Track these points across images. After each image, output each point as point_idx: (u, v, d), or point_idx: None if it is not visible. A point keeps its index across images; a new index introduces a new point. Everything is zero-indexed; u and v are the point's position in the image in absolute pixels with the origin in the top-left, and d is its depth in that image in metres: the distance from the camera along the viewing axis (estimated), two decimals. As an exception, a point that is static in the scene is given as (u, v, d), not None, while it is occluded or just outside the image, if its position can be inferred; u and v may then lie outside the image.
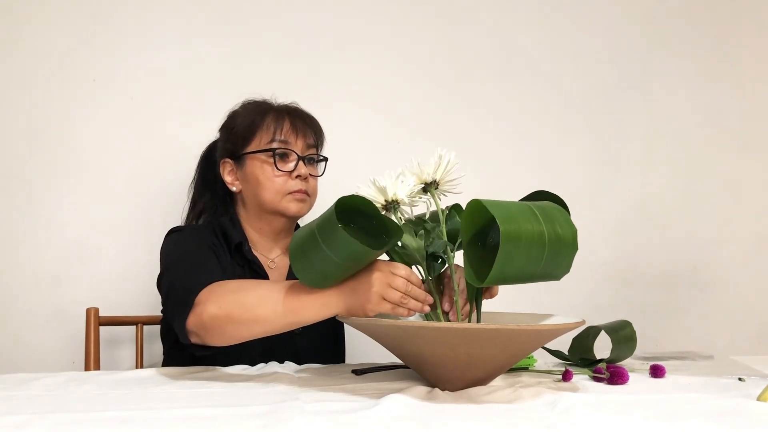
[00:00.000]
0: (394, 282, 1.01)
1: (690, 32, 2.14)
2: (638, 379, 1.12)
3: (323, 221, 0.97)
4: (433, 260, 1.07)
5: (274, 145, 1.35)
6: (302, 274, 1.02)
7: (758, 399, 0.92)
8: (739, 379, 1.12)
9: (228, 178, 1.41)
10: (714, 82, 2.14)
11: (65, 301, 1.65)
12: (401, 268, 1.02)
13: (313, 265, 0.99)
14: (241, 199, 1.43)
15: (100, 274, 1.68)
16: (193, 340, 1.13)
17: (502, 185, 1.92)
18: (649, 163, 2.09)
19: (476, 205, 0.95)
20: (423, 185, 1.06)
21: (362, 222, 1.01)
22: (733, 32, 2.17)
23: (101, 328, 1.52)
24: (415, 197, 1.07)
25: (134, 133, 1.73)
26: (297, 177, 1.35)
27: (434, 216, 1.09)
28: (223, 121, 1.46)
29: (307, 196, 1.37)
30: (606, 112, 2.07)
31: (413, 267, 1.07)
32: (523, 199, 1.06)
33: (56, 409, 0.86)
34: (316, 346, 1.36)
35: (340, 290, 1.04)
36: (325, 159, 1.44)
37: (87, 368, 1.48)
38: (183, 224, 1.49)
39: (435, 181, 1.06)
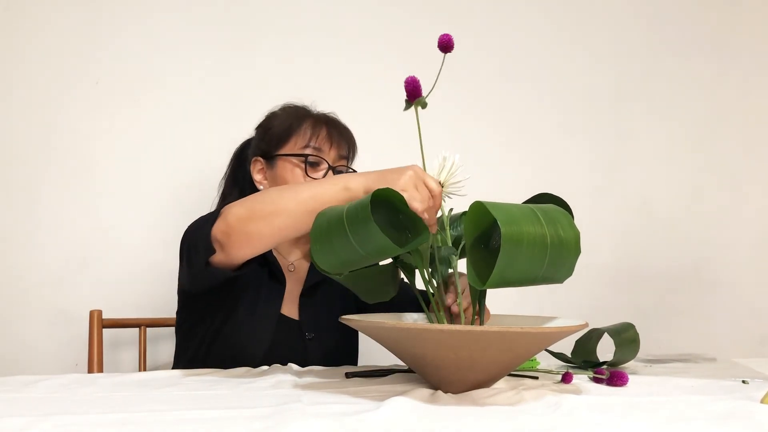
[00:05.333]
0: (429, 181, 1.03)
1: (691, 33, 2.14)
2: (641, 382, 1.11)
3: (355, 211, 0.94)
4: (438, 263, 1.07)
5: (308, 151, 1.36)
6: (321, 257, 0.98)
7: (761, 402, 0.92)
8: (743, 381, 1.12)
9: (257, 177, 1.41)
10: (715, 82, 2.15)
11: (68, 302, 1.66)
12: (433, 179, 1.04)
13: (335, 251, 0.96)
14: None
15: (103, 276, 1.68)
16: (217, 258, 1.13)
17: (507, 188, 1.92)
18: (651, 165, 2.09)
19: (479, 207, 0.94)
20: (426, 187, 1.06)
21: (386, 215, 0.99)
22: (735, 33, 2.17)
23: (104, 330, 1.52)
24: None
25: (138, 135, 1.73)
26: None
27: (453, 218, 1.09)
28: (260, 121, 1.46)
29: None
30: (608, 113, 2.07)
31: (415, 271, 1.07)
32: (526, 202, 1.06)
33: (59, 411, 0.86)
34: (327, 353, 1.34)
35: (365, 176, 1.07)
36: (354, 172, 1.42)
37: (90, 370, 1.48)
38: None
39: (439, 183, 1.05)
